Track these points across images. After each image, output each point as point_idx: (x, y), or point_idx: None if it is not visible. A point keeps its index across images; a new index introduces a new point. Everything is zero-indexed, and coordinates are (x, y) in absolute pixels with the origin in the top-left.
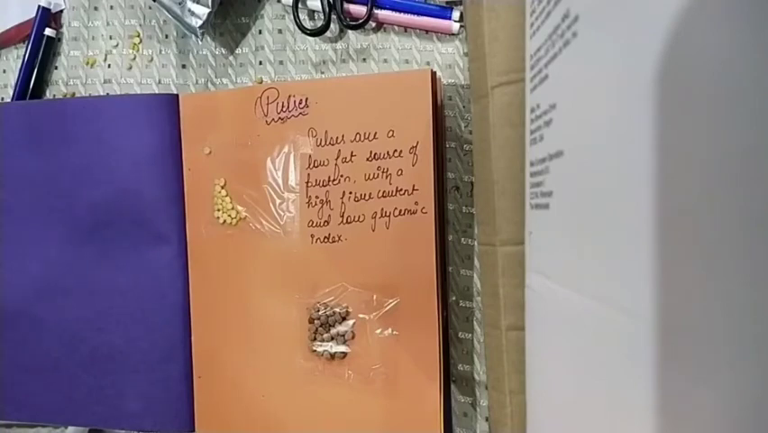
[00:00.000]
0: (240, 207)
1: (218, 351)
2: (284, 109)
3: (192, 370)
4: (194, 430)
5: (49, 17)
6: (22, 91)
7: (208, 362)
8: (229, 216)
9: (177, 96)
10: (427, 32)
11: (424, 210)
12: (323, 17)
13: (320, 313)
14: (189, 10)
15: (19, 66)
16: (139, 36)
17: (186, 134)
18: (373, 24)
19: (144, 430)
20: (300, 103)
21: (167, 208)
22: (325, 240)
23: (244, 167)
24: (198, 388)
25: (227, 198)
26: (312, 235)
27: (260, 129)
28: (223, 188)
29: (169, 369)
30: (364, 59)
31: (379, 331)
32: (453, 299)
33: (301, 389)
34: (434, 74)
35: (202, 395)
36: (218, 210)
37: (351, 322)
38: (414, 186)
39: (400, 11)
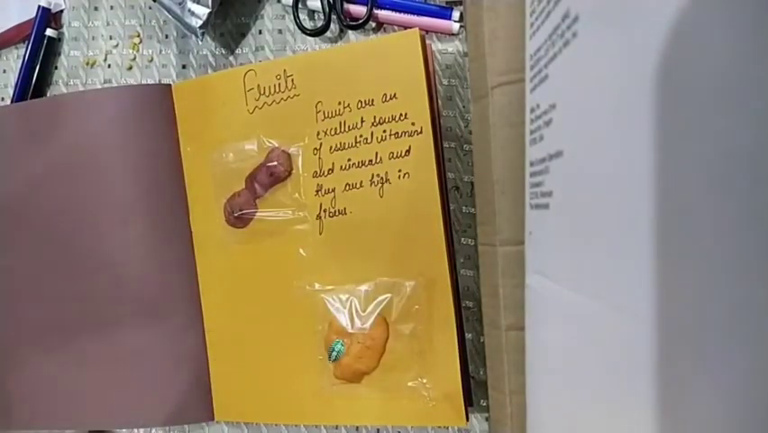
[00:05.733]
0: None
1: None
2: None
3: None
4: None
5: (49, 17)
6: (22, 91)
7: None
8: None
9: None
10: (427, 32)
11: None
12: (323, 17)
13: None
14: (189, 10)
15: (19, 66)
16: (139, 36)
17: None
18: (373, 24)
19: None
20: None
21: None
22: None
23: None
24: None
25: None
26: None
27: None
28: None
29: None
30: None
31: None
32: None
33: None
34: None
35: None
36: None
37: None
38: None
39: (400, 11)
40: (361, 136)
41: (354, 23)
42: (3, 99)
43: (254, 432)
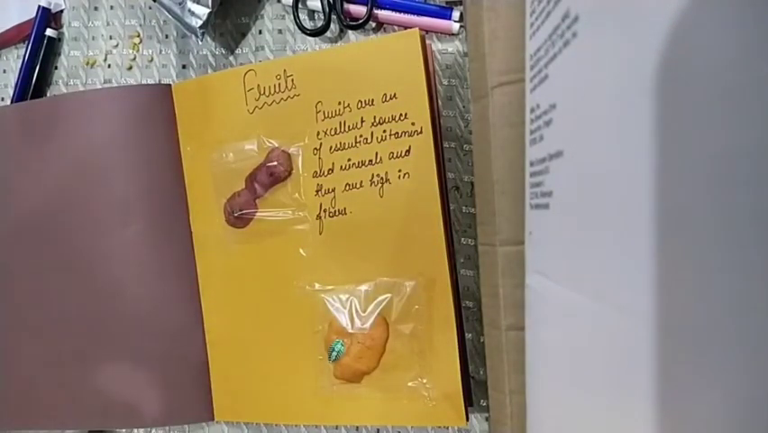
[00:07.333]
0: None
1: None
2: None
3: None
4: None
5: (49, 17)
6: (22, 91)
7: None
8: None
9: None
10: (427, 32)
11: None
12: (323, 17)
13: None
14: (189, 10)
15: (19, 66)
16: (139, 36)
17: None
18: (373, 24)
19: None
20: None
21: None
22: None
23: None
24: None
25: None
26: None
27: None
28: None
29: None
30: None
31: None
32: None
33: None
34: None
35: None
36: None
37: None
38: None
39: (400, 11)
40: (361, 136)
41: (354, 23)
42: (3, 99)
43: (254, 432)
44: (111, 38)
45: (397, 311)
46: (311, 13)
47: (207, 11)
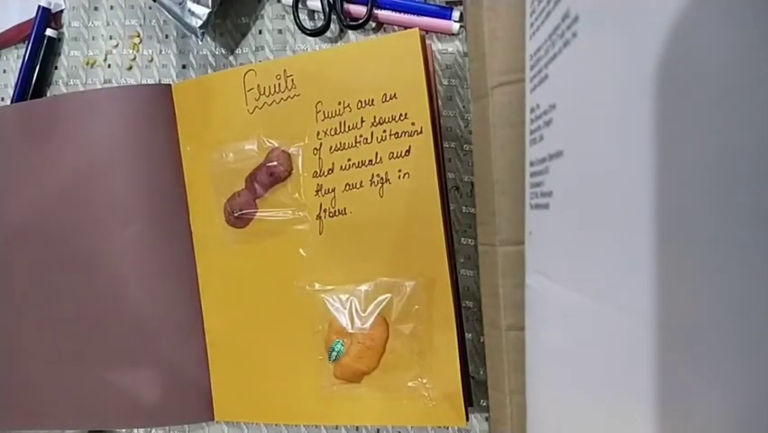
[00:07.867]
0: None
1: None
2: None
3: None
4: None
5: (49, 17)
6: (22, 91)
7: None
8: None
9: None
10: (427, 32)
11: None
12: (323, 17)
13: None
14: (189, 10)
15: (19, 66)
16: (139, 36)
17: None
18: (373, 24)
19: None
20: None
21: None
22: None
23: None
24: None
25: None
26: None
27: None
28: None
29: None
30: None
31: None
32: None
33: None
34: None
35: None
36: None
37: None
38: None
39: (400, 11)
40: (361, 136)
41: (354, 23)
42: (3, 99)
43: (254, 432)
44: (111, 38)
45: (397, 311)
46: (311, 13)
47: (207, 11)
